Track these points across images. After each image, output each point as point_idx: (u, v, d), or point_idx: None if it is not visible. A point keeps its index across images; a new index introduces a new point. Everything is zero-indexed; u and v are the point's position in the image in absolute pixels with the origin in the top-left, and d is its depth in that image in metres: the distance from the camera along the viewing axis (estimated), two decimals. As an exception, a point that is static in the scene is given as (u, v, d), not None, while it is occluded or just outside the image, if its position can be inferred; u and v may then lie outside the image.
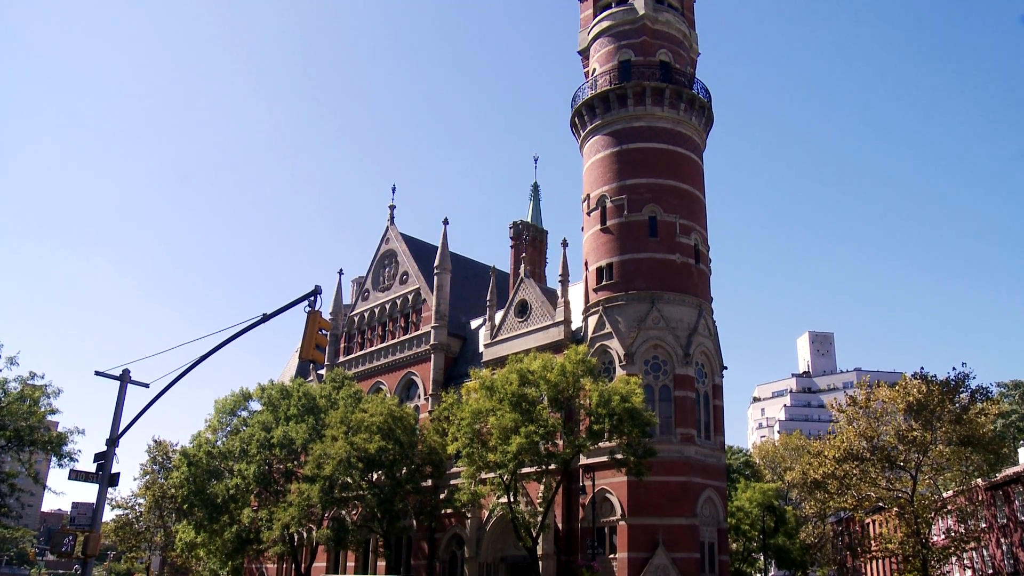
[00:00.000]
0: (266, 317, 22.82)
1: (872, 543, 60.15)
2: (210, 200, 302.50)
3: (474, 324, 57.34)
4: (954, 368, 54.27)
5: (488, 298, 52.35)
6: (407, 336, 58.89)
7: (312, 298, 22.78)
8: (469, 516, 47.38)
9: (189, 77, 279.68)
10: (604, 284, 45.77)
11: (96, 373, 25.93)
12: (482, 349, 52.18)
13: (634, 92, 47.80)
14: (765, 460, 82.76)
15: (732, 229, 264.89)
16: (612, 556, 40.75)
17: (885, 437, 48.31)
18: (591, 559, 39.43)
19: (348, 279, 69.99)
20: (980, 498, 55.54)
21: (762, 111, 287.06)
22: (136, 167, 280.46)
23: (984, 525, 54.90)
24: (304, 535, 52.15)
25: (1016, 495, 54.25)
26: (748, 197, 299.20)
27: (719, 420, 45.38)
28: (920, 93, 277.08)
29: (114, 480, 25.85)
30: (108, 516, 76.20)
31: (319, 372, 63.77)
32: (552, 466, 39.38)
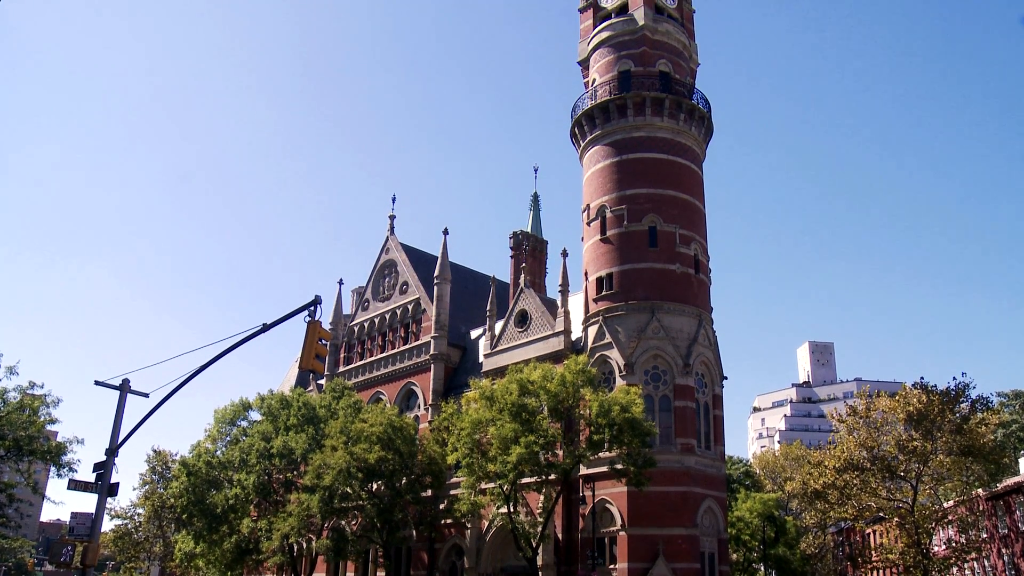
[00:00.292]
0: (266, 327, 22.89)
1: (873, 553, 59.94)
2: (210, 209, 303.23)
3: (474, 334, 57.36)
4: (954, 378, 54.53)
5: (488, 308, 52.38)
6: (407, 346, 58.91)
7: (312, 308, 22.84)
8: (469, 526, 47.28)
9: (189, 86, 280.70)
10: (604, 294, 45.83)
11: (96, 383, 25.95)
12: (482, 359, 52.17)
13: (634, 102, 47.97)
14: (765, 470, 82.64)
15: (732, 239, 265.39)
16: (612, 566, 40.67)
17: (885, 447, 48.32)
18: (591, 569, 39.35)
19: (348, 289, 70.25)
20: (981, 508, 55.37)
21: (762, 121, 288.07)
22: (136, 176, 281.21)
23: (985, 535, 54.71)
24: (303, 545, 52.07)
25: (1017, 505, 54.07)
26: (748, 207, 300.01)
27: (719, 430, 45.38)
28: (919, 103, 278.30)
29: (113, 490, 25.89)
30: (107, 526, 75.96)
31: (319, 382, 63.77)
32: (552, 476, 39.36)
